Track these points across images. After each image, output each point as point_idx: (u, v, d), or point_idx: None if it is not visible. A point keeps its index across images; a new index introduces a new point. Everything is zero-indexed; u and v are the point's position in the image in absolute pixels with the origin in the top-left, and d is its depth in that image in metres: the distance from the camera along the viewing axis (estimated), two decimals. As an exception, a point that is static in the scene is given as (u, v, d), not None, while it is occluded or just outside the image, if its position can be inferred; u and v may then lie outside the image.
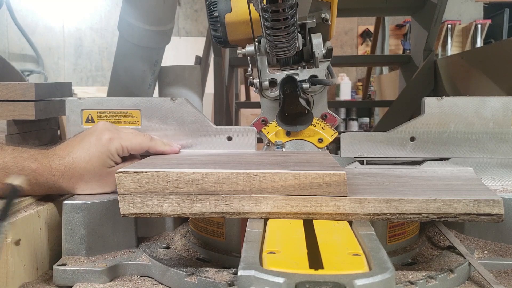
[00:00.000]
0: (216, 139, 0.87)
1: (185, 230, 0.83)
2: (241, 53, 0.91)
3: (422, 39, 2.47)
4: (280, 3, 0.66)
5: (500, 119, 0.83)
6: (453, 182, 0.70)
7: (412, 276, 0.63)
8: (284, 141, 0.92)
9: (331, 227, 0.56)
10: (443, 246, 0.76)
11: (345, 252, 0.47)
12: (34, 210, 0.72)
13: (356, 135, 0.86)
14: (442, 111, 0.84)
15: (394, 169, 0.82)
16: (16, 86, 1.16)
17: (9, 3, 4.12)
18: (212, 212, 0.59)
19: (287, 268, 0.43)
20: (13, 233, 0.67)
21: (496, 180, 0.84)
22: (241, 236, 0.63)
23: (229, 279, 0.63)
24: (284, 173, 0.58)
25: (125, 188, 0.58)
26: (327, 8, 0.87)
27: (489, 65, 1.92)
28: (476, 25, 4.94)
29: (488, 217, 0.58)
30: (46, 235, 0.74)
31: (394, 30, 5.56)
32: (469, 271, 0.67)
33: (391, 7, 2.62)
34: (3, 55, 2.04)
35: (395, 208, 0.58)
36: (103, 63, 5.32)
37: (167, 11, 2.05)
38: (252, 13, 0.82)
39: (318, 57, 0.87)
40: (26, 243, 0.69)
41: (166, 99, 0.87)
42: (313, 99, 0.93)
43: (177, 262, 0.70)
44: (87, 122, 0.88)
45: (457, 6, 5.19)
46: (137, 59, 2.10)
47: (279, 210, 0.58)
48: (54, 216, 0.78)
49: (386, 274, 0.42)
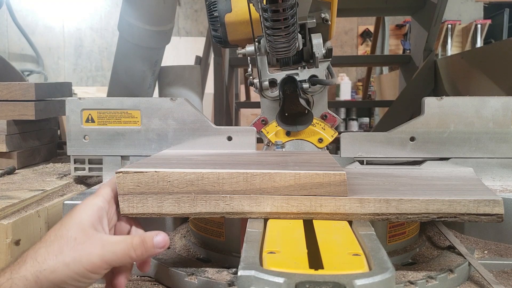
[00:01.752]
0: (216, 139, 0.87)
1: (185, 230, 0.83)
2: (241, 53, 0.91)
3: (422, 39, 2.47)
4: (280, 3, 0.66)
5: (500, 119, 0.83)
6: (453, 182, 0.70)
7: (412, 276, 0.63)
8: (284, 141, 0.92)
9: (331, 227, 0.56)
10: (443, 246, 0.76)
11: (345, 252, 0.47)
12: (34, 210, 0.72)
13: (356, 135, 0.86)
14: (442, 111, 0.84)
15: (394, 169, 0.82)
16: (16, 86, 1.16)
17: (9, 3, 4.12)
18: (212, 212, 0.59)
19: (287, 268, 0.43)
20: (13, 233, 0.67)
21: (496, 180, 0.84)
22: (241, 236, 0.63)
23: (229, 279, 0.63)
24: (284, 173, 0.58)
25: (125, 188, 0.58)
26: (327, 8, 0.87)
27: (489, 65, 1.92)
28: (476, 25, 4.93)
29: (488, 217, 0.58)
30: (46, 235, 0.74)
31: (394, 30, 5.56)
32: (469, 271, 0.67)
33: (391, 7, 2.62)
34: (3, 55, 2.04)
35: (395, 208, 0.58)
36: (103, 63, 5.32)
37: (167, 11, 2.05)
38: (252, 13, 0.82)
39: (318, 57, 0.87)
40: (26, 243, 0.69)
41: (166, 99, 0.87)
42: (313, 99, 0.93)
43: (177, 262, 0.70)
44: (87, 122, 0.88)
45: (457, 6, 5.19)
46: (137, 59, 2.10)
47: (279, 210, 0.58)
48: (54, 216, 0.78)
49: (386, 274, 0.42)
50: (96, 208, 0.55)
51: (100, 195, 0.57)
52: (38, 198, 0.84)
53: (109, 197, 0.58)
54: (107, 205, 0.57)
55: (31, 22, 5.01)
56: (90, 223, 0.53)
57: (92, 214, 0.54)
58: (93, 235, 0.52)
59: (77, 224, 0.52)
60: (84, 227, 0.52)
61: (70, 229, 0.52)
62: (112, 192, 0.59)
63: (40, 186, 0.92)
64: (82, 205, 0.55)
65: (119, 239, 0.53)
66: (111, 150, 0.89)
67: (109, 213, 0.57)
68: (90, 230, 0.52)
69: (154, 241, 0.54)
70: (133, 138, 0.88)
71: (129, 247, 0.52)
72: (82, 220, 0.53)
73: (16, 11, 4.34)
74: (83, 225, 0.52)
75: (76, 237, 0.51)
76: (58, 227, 0.52)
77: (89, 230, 0.52)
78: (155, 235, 0.54)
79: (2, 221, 0.70)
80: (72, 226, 0.52)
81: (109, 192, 0.58)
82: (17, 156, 1.16)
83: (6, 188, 0.91)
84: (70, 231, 0.52)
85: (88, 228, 0.53)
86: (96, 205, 0.55)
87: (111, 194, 0.59)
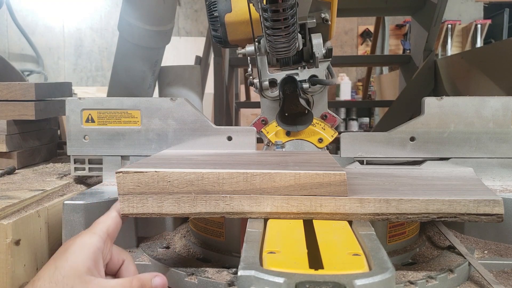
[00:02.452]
0: (216, 139, 0.87)
1: (185, 230, 0.83)
2: (241, 53, 0.91)
3: (422, 39, 2.47)
4: (280, 3, 0.66)
5: (500, 119, 0.83)
6: (453, 182, 0.70)
7: (412, 276, 0.63)
8: (284, 141, 0.92)
9: (331, 227, 0.56)
10: (443, 246, 0.76)
11: (345, 252, 0.47)
12: (34, 210, 0.72)
13: (356, 135, 0.86)
14: (442, 111, 0.84)
15: (394, 169, 0.82)
16: (16, 86, 1.16)
17: (9, 3, 4.12)
18: (212, 212, 0.59)
19: (287, 268, 0.43)
20: (13, 233, 0.67)
21: (496, 180, 0.84)
22: (241, 236, 0.63)
23: (229, 279, 0.63)
24: (284, 173, 0.58)
25: (125, 188, 0.58)
26: (327, 8, 0.87)
27: (489, 65, 1.92)
28: (476, 25, 4.94)
29: (488, 217, 0.58)
30: (46, 235, 0.74)
31: (394, 30, 5.56)
32: (469, 271, 0.67)
33: (391, 7, 2.62)
34: (3, 55, 2.04)
35: (395, 208, 0.58)
36: (103, 63, 5.32)
37: (167, 11, 2.05)
38: (252, 13, 0.82)
39: (318, 57, 0.87)
40: (26, 243, 0.69)
41: (166, 99, 0.87)
42: (313, 99, 0.93)
43: (177, 262, 0.70)
44: (87, 122, 0.88)
45: (457, 6, 5.19)
46: (137, 59, 2.10)
47: (279, 210, 0.58)
48: (54, 216, 0.78)
49: (386, 274, 0.42)
50: (93, 250, 0.52)
51: (96, 233, 0.55)
52: (38, 198, 0.84)
53: (105, 236, 0.55)
54: (103, 244, 0.54)
55: (31, 22, 5.01)
56: (86, 268, 0.51)
57: (88, 257, 0.52)
58: (90, 281, 0.50)
59: (73, 269, 0.50)
60: (80, 273, 0.50)
61: (66, 275, 0.49)
62: (107, 229, 0.56)
63: (40, 186, 0.92)
64: (77, 244, 0.53)
65: (117, 283, 0.51)
66: (111, 150, 0.89)
67: (104, 253, 0.55)
68: (86, 276, 0.50)
69: (152, 283, 0.53)
70: (133, 138, 0.88)
71: None
72: (78, 265, 0.50)
73: (16, 11, 4.34)
74: (79, 271, 0.50)
75: (72, 285, 0.49)
76: (52, 270, 0.50)
77: (85, 276, 0.50)
78: (153, 276, 0.53)
79: (2, 221, 0.70)
80: (68, 272, 0.50)
81: (104, 230, 0.56)
82: (17, 156, 1.16)
83: (6, 188, 0.91)
84: (65, 278, 0.49)
85: (84, 274, 0.50)
86: (93, 246, 0.53)
87: (107, 231, 0.56)
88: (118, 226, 0.59)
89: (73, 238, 0.54)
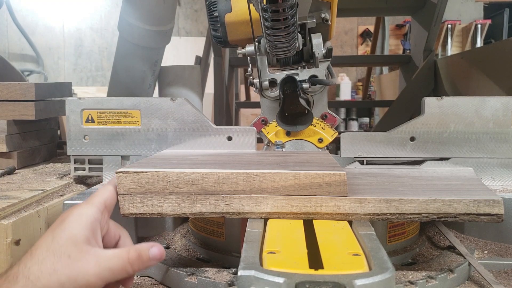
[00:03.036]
0: (216, 139, 0.87)
1: (185, 230, 0.83)
2: (241, 53, 0.91)
3: (422, 39, 2.47)
4: (280, 3, 0.66)
5: (500, 119, 0.83)
6: (453, 182, 0.70)
7: (412, 276, 0.63)
8: (284, 141, 0.92)
9: (331, 227, 0.56)
10: (443, 246, 0.76)
11: (345, 252, 0.47)
12: (34, 210, 0.72)
13: (356, 135, 0.86)
14: (442, 111, 0.84)
15: (394, 169, 0.82)
16: (16, 86, 1.16)
17: (9, 3, 4.12)
18: (212, 212, 0.59)
19: (287, 268, 0.43)
20: (13, 233, 0.67)
21: (496, 180, 0.84)
22: (241, 236, 0.63)
23: (229, 279, 0.63)
24: (284, 173, 0.58)
25: (125, 188, 0.58)
26: (327, 8, 0.87)
27: (489, 65, 1.92)
28: (476, 25, 4.93)
29: (488, 217, 0.58)
30: (46, 235, 0.74)
31: (394, 30, 5.56)
32: (469, 271, 0.67)
33: (391, 7, 2.62)
34: (3, 55, 2.04)
35: (395, 208, 0.58)
36: (103, 63, 5.32)
37: (167, 11, 2.05)
38: (252, 13, 0.82)
39: (318, 57, 0.87)
40: (26, 243, 0.69)
41: (166, 99, 0.87)
42: (313, 99, 0.93)
43: (177, 262, 0.70)
44: (87, 122, 0.88)
45: (457, 6, 5.19)
46: (137, 59, 2.10)
47: (279, 210, 0.58)
48: (54, 216, 0.78)
49: (386, 274, 0.42)
50: (90, 220, 0.52)
51: (94, 204, 0.54)
52: (38, 198, 0.84)
53: (102, 207, 0.55)
54: (100, 215, 0.54)
55: (31, 22, 5.01)
56: (83, 238, 0.50)
57: (86, 227, 0.51)
58: (88, 251, 0.49)
59: (70, 238, 0.49)
60: (78, 242, 0.49)
61: (63, 244, 0.49)
62: (105, 201, 0.56)
63: (40, 186, 0.92)
64: (75, 215, 0.52)
65: (114, 253, 0.51)
66: (111, 150, 0.89)
67: (101, 223, 0.54)
68: (84, 245, 0.50)
69: (150, 253, 0.52)
70: (133, 138, 0.88)
71: (126, 263, 0.50)
72: (76, 234, 0.50)
73: (16, 11, 4.34)
74: (76, 240, 0.49)
75: (70, 254, 0.48)
76: (50, 240, 0.49)
77: (83, 245, 0.49)
78: (151, 246, 0.52)
79: (2, 221, 0.70)
80: (65, 242, 0.49)
81: (102, 201, 0.56)
82: (17, 156, 1.16)
83: (6, 188, 0.91)
84: (63, 247, 0.49)
85: (82, 243, 0.50)
86: (90, 216, 0.52)
87: (104, 203, 0.56)
88: (115, 199, 0.58)
89: (70, 209, 0.53)
